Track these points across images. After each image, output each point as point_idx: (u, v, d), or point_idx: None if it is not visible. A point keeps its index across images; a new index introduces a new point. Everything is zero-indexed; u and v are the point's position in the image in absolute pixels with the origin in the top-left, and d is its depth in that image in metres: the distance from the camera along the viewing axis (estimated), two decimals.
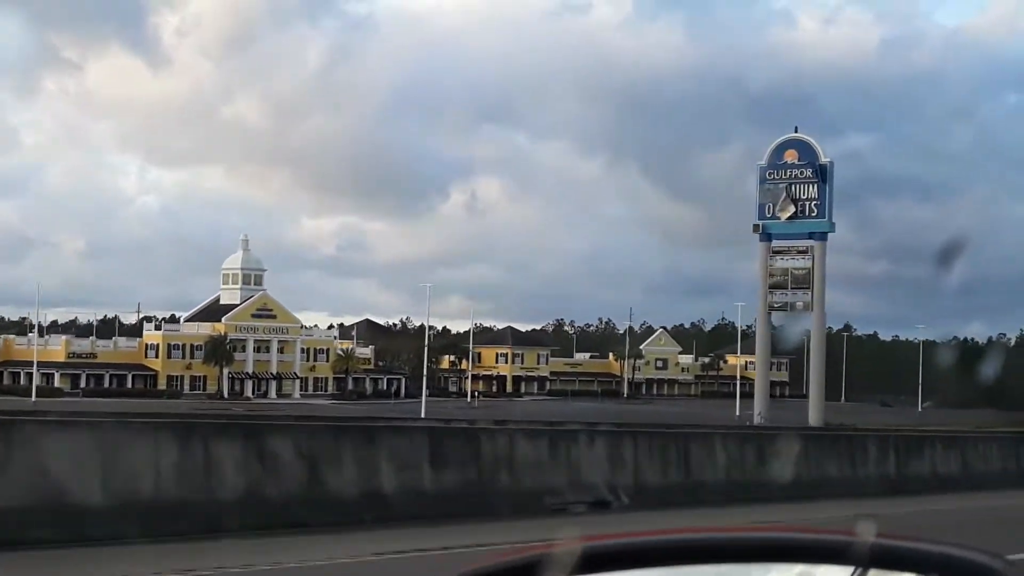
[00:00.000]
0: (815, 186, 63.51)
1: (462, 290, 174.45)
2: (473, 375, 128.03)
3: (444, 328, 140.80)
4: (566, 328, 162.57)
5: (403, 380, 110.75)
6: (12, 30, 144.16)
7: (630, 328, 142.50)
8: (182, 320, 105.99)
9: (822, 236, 63.17)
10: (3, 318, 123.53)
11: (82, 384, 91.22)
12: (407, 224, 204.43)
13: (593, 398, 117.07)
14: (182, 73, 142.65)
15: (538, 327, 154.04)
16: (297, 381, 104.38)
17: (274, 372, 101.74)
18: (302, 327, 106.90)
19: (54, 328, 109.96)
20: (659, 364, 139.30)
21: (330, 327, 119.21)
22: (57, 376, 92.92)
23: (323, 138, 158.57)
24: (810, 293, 62.90)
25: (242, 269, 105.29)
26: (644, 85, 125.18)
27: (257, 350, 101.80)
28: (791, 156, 64.34)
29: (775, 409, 68.74)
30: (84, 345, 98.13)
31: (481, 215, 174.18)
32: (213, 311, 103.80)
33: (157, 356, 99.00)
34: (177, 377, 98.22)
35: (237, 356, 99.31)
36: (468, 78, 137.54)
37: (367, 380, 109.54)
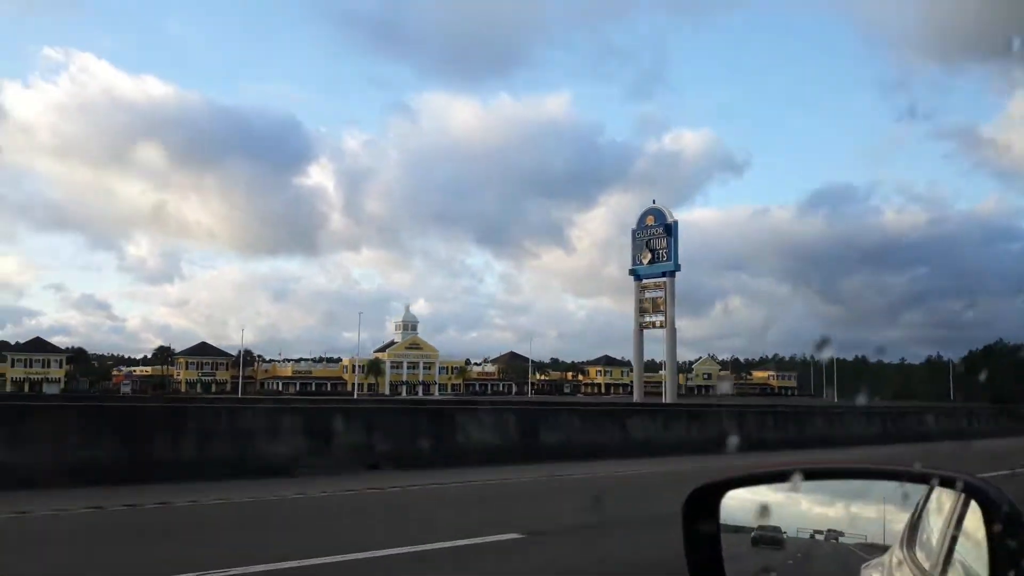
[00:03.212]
0: (665, 239, 63.88)
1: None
2: (586, 383, 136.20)
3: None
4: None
5: (512, 386, 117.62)
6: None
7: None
8: (372, 351, 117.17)
9: (671, 274, 62.89)
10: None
11: (296, 389, 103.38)
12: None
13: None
14: (581, 255, 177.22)
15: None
16: (436, 385, 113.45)
17: (420, 380, 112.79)
18: (439, 354, 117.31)
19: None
20: (706, 376, 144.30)
21: (476, 361, 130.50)
22: (279, 384, 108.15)
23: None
24: (664, 315, 63.15)
25: (403, 321, 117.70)
26: (804, 250, 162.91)
27: (411, 368, 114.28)
28: (650, 220, 65.03)
29: None
30: (306, 366, 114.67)
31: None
32: (387, 347, 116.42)
33: (349, 373, 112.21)
34: (358, 384, 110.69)
35: (395, 371, 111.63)
36: (718, 248, 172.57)
37: (489, 386, 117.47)
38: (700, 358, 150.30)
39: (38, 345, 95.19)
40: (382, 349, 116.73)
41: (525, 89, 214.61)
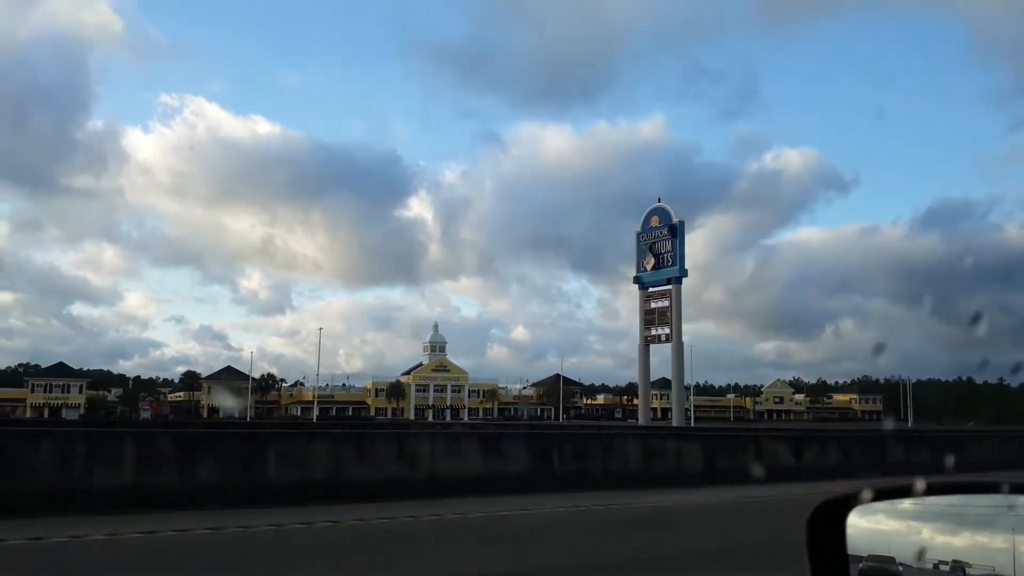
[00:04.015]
0: (670, 241, 55.89)
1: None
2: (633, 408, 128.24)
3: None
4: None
5: (553, 411, 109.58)
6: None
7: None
8: (399, 375, 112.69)
9: (677, 280, 54.83)
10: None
11: (316, 414, 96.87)
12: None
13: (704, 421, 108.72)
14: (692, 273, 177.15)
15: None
16: (465, 410, 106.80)
17: (448, 404, 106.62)
18: (468, 377, 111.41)
19: None
20: (777, 400, 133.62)
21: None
22: (299, 409, 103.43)
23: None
24: (669, 327, 55.00)
25: (430, 342, 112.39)
26: (919, 269, 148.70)
27: (438, 391, 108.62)
28: (655, 221, 57.29)
29: None
30: (328, 390, 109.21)
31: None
32: (414, 369, 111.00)
33: (374, 396, 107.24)
34: (382, 408, 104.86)
35: (421, 395, 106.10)
36: (826, 269, 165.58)
37: (525, 410, 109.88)
38: (774, 381, 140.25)
39: (59, 370, 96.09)
40: (409, 372, 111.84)
41: (612, 113, 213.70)
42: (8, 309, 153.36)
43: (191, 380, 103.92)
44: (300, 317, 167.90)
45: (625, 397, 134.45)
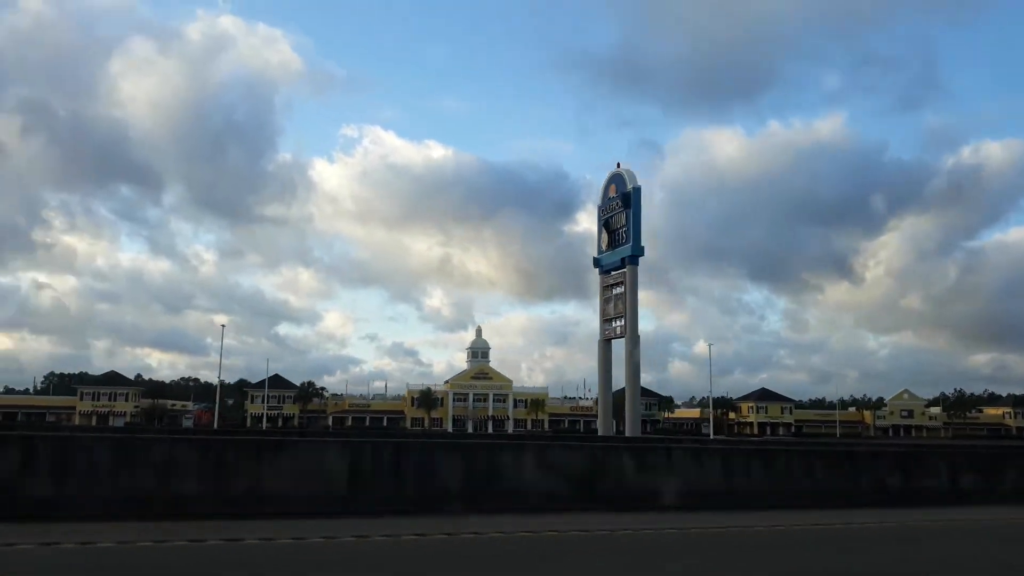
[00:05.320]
0: (624, 214, 45.60)
1: None
2: (735, 422, 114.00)
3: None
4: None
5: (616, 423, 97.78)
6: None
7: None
8: (442, 382, 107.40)
9: (633, 260, 44.43)
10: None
11: (349, 423, 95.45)
12: None
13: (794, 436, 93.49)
14: (872, 286, 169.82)
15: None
16: (510, 421, 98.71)
17: (490, 415, 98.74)
18: (512, 385, 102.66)
19: None
20: (904, 414, 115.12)
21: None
22: (330, 419, 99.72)
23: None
24: (624, 317, 44.66)
25: (471, 348, 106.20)
26: None
27: (479, 400, 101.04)
28: (612, 190, 47.24)
29: None
30: (364, 400, 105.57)
31: None
32: (454, 377, 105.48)
33: (410, 406, 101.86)
34: (418, 419, 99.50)
35: (460, 404, 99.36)
36: None
37: (580, 423, 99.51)
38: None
39: (111, 379, 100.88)
40: (449, 380, 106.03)
41: (780, 111, 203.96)
42: (224, 330, 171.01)
43: (240, 388, 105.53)
44: (481, 333, 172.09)
45: (721, 410, 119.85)
